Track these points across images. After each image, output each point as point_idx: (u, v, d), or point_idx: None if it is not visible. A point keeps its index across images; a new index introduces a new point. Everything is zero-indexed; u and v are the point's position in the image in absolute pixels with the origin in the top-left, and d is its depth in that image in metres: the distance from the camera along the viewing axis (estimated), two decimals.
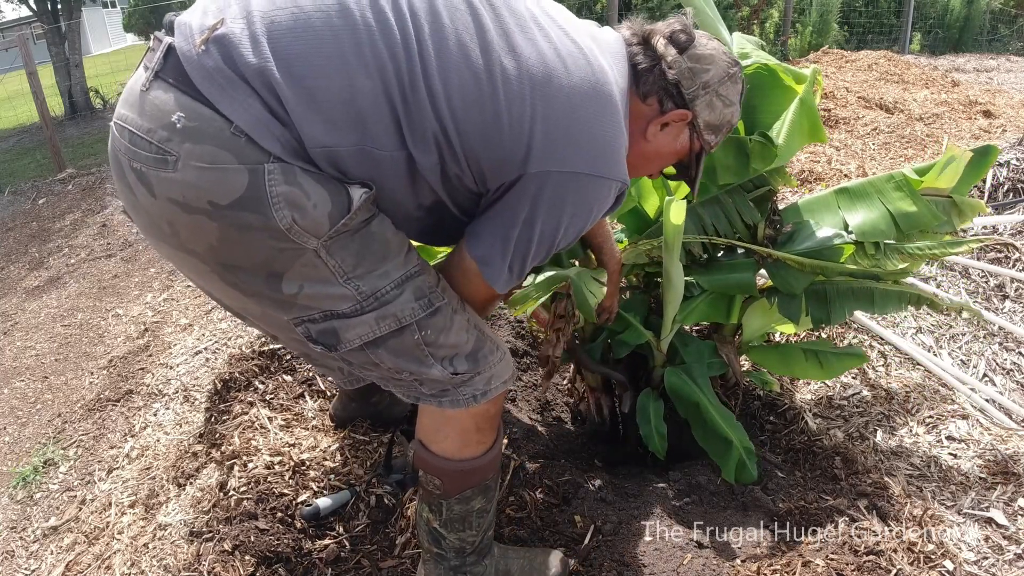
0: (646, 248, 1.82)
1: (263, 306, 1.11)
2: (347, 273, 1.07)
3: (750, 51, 1.79)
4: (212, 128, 0.97)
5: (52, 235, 4.95)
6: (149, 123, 0.99)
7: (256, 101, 0.98)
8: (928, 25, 10.42)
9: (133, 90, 1.03)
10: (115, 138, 1.05)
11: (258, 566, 1.53)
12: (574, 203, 1.11)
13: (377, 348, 1.13)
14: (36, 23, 10.26)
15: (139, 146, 1.00)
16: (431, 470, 1.30)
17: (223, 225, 1.00)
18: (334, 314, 1.09)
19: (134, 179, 1.02)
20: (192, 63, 0.98)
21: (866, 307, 1.74)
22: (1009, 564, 1.61)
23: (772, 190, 1.87)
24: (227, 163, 0.97)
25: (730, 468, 1.77)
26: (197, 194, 0.98)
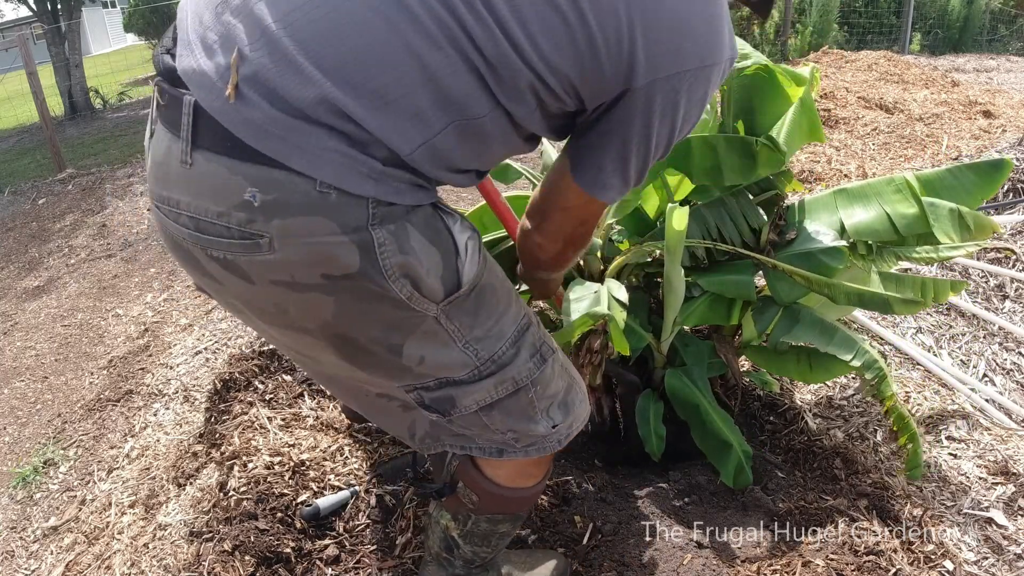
0: (648, 250, 1.82)
1: (375, 375, 1.02)
2: (465, 337, 0.99)
3: (750, 52, 1.79)
4: (296, 194, 0.82)
5: (52, 235, 4.95)
6: (217, 205, 0.84)
7: (328, 138, 0.82)
8: (928, 25, 10.42)
9: (168, 165, 0.88)
10: (170, 224, 0.90)
11: (258, 566, 1.53)
12: (688, 99, 0.96)
13: (492, 411, 1.06)
14: (36, 23, 10.27)
15: (214, 233, 0.85)
16: (474, 487, 1.21)
17: (340, 298, 0.89)
18: (450, 381, 1.02)
19: (218, 268, 0.89)
20: (234, 120, 0.82)
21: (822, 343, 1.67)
22: (1009, 564, 1.61)
23: (779, 194, 1.87)
24: (330, 234, 0.84)
25: (728, 471, 1.77)
26: (308, 271, 0.86)
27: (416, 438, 1.16)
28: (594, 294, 1.58)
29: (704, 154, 1.70)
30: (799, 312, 1.76)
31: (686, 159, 1.72)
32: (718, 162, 1.70)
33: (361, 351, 0.97)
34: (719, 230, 1.81)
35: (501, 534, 1.32)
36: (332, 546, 1.59)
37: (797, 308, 1.77)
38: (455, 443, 1.15)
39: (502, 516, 1.27)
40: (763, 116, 1.80)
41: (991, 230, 1.73)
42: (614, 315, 1.50)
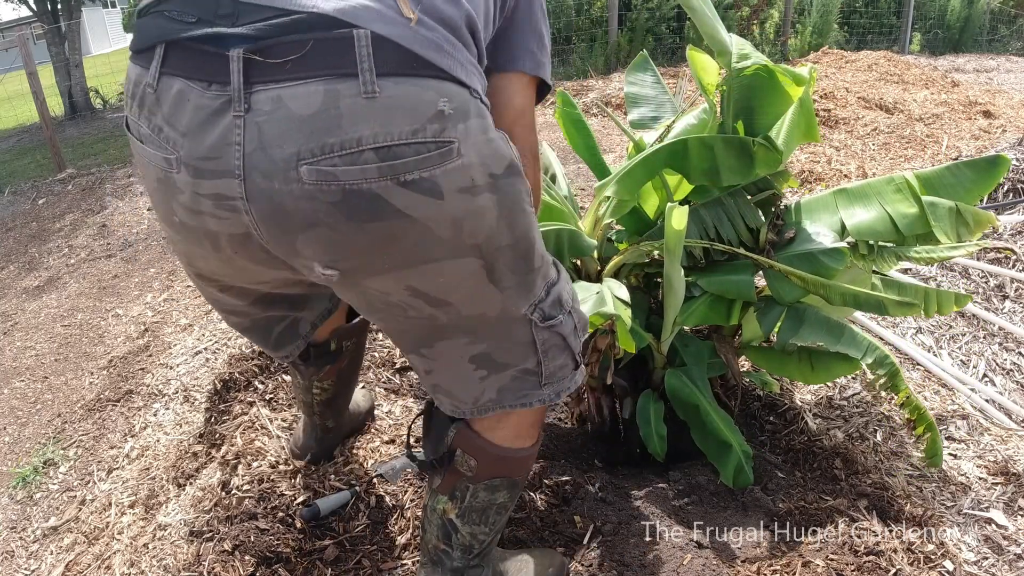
0: (647, 249, 1.82)
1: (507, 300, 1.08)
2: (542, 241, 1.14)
3: (749, 52, 1.79)
4: (465, 101, 0.92)
5: (52, 235, 4.95)
6: (411, 124, 0.88)
7: (467, 53, 0.95)
8: (928, 25, 10.42)
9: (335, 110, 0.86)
10: (342, 172, 0.87)
11: (258, 566, 1.53)
12: None
13: (575, 303, 1.21)
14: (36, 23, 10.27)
15: (407, 154, 0.88)
16: (472, 450, 1.26)
17: (501, 197, 0.98)
18: (552, 282, 1.15)
19: (406, 195, 0.89)
20: (419, 41, 0.88)
21: (831, 342, 1.68)
22: (1009, 564, 1.61)
23: (776, 194, 1.87)
24: (488, 131, 0.95)
25: (728, 472, 1.77)
26: (482, 171, 0.95)
27: (478, 405, 1.20)
28: (596, 295, 1.58)
29: (701, 155, 1.70)
30: (804, 311, 1.75)
31: (684, 160, 1.72)
32: (715, 163, 1.70)
33: (507, 261, 1.04)
34: (717, 230, 1.81)
35: (499, 506, 1.33)
36: (332, 546, 1.59)
37: (802, 307, 1.77)
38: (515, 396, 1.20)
39: (499, 481, 1.29)
40: (763, 116, 1.80)
41: (988, 224, 1.74)
42: (620, 314, 1.50)
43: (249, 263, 1.05)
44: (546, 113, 6.45)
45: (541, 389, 1.20)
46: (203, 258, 1.12)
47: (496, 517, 1.35)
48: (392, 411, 2.11)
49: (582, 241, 1.78)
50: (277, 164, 0.87)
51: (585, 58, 8.13)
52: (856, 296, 1.65)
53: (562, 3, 8.36)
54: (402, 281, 1.00)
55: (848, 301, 1.66)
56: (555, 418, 2.21)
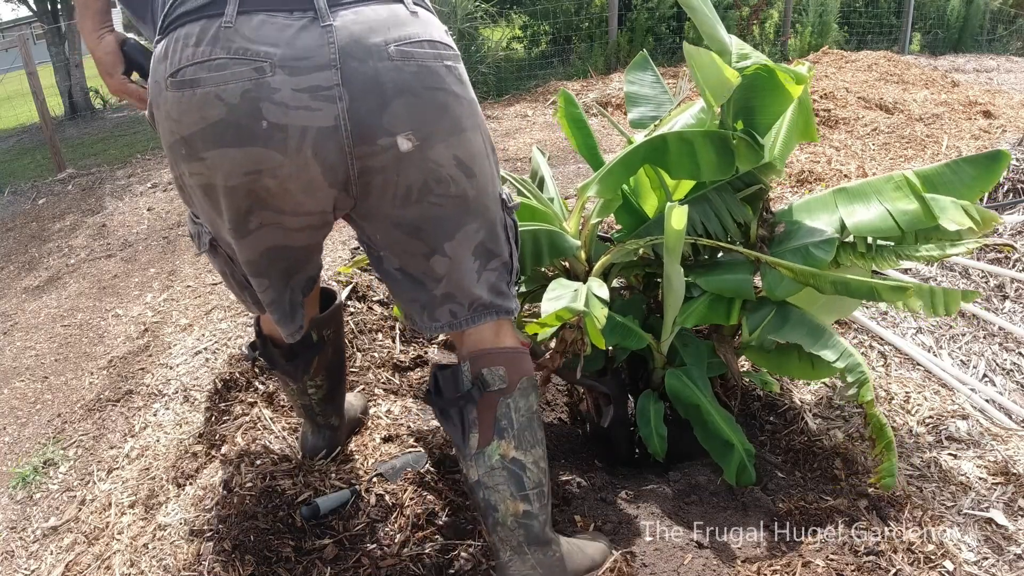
0: (633, 248, 1.81)
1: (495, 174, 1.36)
2: None
3: (749, 52, 1.79)
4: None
5: (52, 235, 4.95)
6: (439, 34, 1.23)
7: None
8: (928, 25, 10.42)
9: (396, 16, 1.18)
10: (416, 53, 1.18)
11: (258, 566, 1.53)
12: None
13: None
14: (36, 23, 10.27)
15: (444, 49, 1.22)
16: (496, 361, 1.36)
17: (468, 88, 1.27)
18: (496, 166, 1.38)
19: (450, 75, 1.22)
20: None
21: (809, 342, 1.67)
22: (1009, 564, 1.61)
23: (764, 188, 1.86)
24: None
25: (731, 470, 1.77)
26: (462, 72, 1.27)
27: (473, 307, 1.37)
28: (573, 292, 1.59)
29: (681, 150, 1.69)
30: (789, 312, 1.76)
31: (663, 156, 1.72)
32: (696, 158, 1.69)
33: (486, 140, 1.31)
34: (704, 226, 1.81)
35: (536, 414, 1.42)
36: (332, 546, 1.59)
37: (788, 308, 1.77)
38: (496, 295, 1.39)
39: (526, 382, 1.39)
40: (763, 115, 1.79)
41: (994, 222, 1.72)
42: (592, 311, 1.50)
43: (316, 174, 1.17)
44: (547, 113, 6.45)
45: (510, 290, 1.41)
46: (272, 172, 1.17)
47: (540, 432, 1.41)
48: (391, 410, 2.11)
49: (563, 241, 1.78)
50: (371, 48, 1.14)
51: (585, 58, 8.13)
52: (847, 283, 1.63)
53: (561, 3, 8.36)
54: (451, 149, 1.24)
55: (839, 288, 1.64)
56: (555, 418, 2.21)
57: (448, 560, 1.57)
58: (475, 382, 1.36)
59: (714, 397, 1.86)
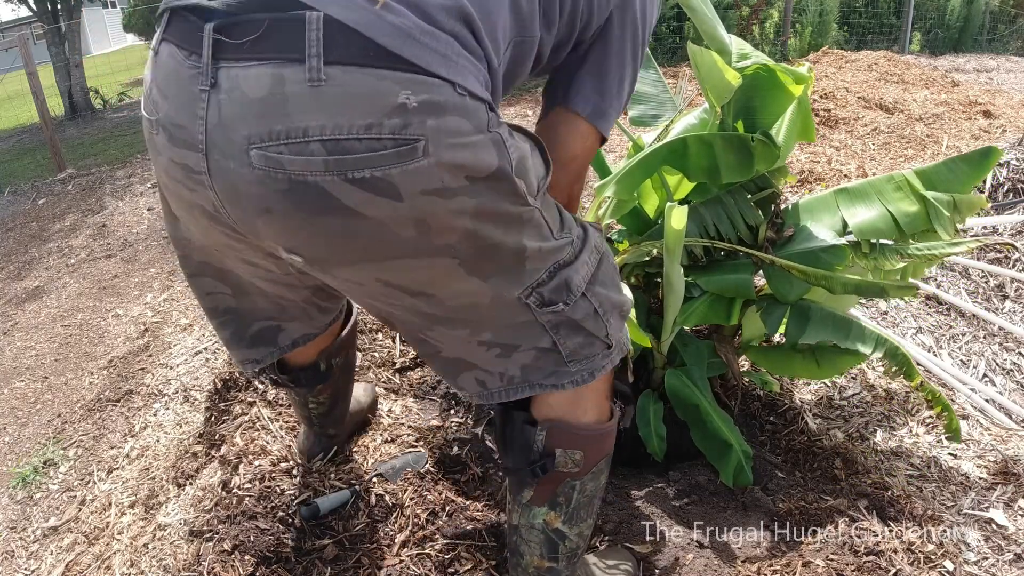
0: (647, 249, 1.82)
1: (496, 288, 1.01)
2: (555, 225, 1.06)
3: (749, 52, 1.79)
4: (442, 95, 0.83)
5: (52, 235, 4.95)
6: (364, 118, 0.81)
7: (459, 46, 0.86)
8: (928, 25, 10.42)
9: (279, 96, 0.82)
10: (288, 162, 0.83)
11: (258, 566, 1.53)
12: (651, 9, 1.16)
13: (595, 287, 1.11)
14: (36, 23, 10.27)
15: (362, 149, 0.82)
16: (575, 443, 1.19)
17: (481, 200, 0.90)
18: (560, 264, 1.06)
19: (357, 193, 0.84)
20: (381, 29, 0.80)
21: (840, 338, 1.68)
22: (1009, 564, 1.61)
23: (776, 192, 1.87)
24: (472, 133, 0.86)
25: (728, 471, 1.77)
26: (456, 174, 0.86)
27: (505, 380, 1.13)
28: None
29: (701, 152, 1.70)
30: (809, 309, 1.76)
31: (683, 158, 1.72)
32: (715, 160, 1.70)
33: (489, 256, 0.97)
34: (716, 228, 1.81)
35: (602, 489, 1.31)
36: (332, 546, 1.59)
37: (806, 305, 1.77)
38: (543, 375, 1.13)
39: (603, 463, 1.26)
40: (763, 115, 1.80)
41: (978, 206, 1.78)
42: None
43: (224, 239, 1.01)
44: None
45: (567, 366, 1.13)
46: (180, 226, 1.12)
47: (599, 503, 1.32)
48: (392, 410, 2.11)
49: None
50: (233, 145, 0.84)
51: None
52: (857, 284, 1.66)
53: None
54: (371, 274, 0.96)
55: (850, 289, 1.67)
56: None
57: (448, 560, 1.57)
58: (546, 456, 1.19)
59: (714, 398, 1.86)
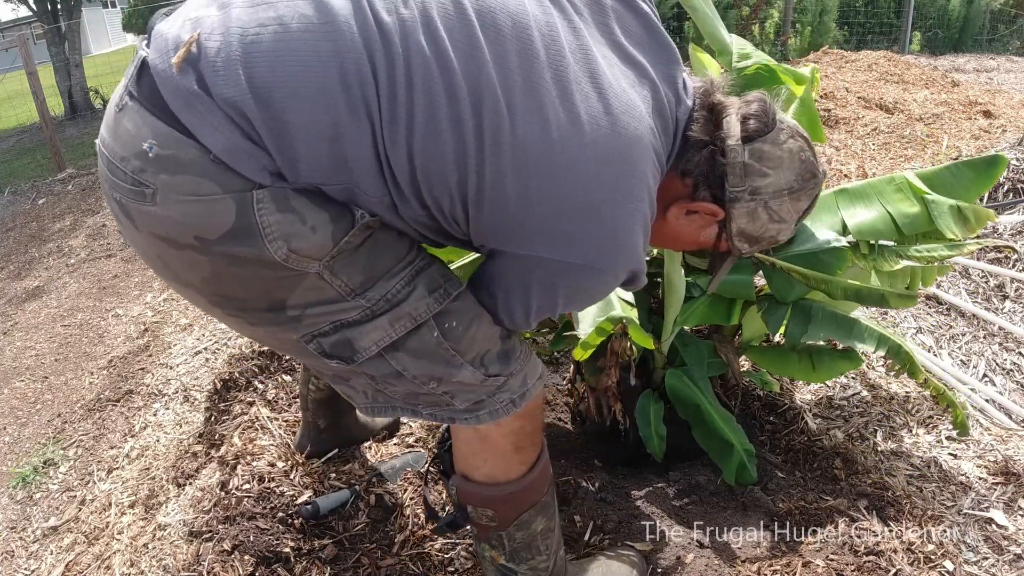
0: (647, 249, 1.82)
1: (269, 332, 1.04)
2: (355, 290, 0.98)
3: (751, 51, 1.79)
4: (189, 156, 0.87)
5: (52, 235, 4.95)
6: (122, 150, 0.90)
7: (236, 130, 0.87)
8: (928, 25, 10.41)
9: (110, 109, 0.95)
10: (100, 162, 0.98)
11: (258, 566, 1.52)
12: (567, 288, 1.02)
13: (396, 351, 1.03)
14: (36, 23, 10.27)
15: (116, 175, 0.92)
16: (481, 502, 1.20)
17: (214, 260, 0.92)
18: (344, 323, 1.00)
19: (118, 210, 0.96)
20: (168, 84, 0.87)
21: (842, 337, 1.68)
22: (1009, 564, 1.61)
23: None
24: (210, 193, 0.88)
25: (731, 470, 1.77)
26: (181, 230, 0.90)
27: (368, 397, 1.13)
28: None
29: None
30: (810, 308, 1.76)
31: None
32: None
33: (244, 310, 1.00)
34: None
35: (542, 532, 1.26)
36: (332, 545, 1.59)
37: (807, 304, 1.77)
38: (403, 405, 1.12)
39: (527, 515, 1.22)
40: None
41: (988, 219, 1.76)
42: (629, 315, 1.51)
43: None
44: None
45: (414, 407, 1.13)
46: None
47: (545, 542, 1.28)
48: None
49: None
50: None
51: None
52: (858, 290, 1.66)
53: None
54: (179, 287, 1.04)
55: (850, 295, 1.67)
56: (555, 418, 2.21)
57: (448, 560, 1.57)
58: (461, 510, 1.21)
59: (714, 397, 1.85)
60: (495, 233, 0.98)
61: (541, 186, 0.93)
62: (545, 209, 0.94)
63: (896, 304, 1.69)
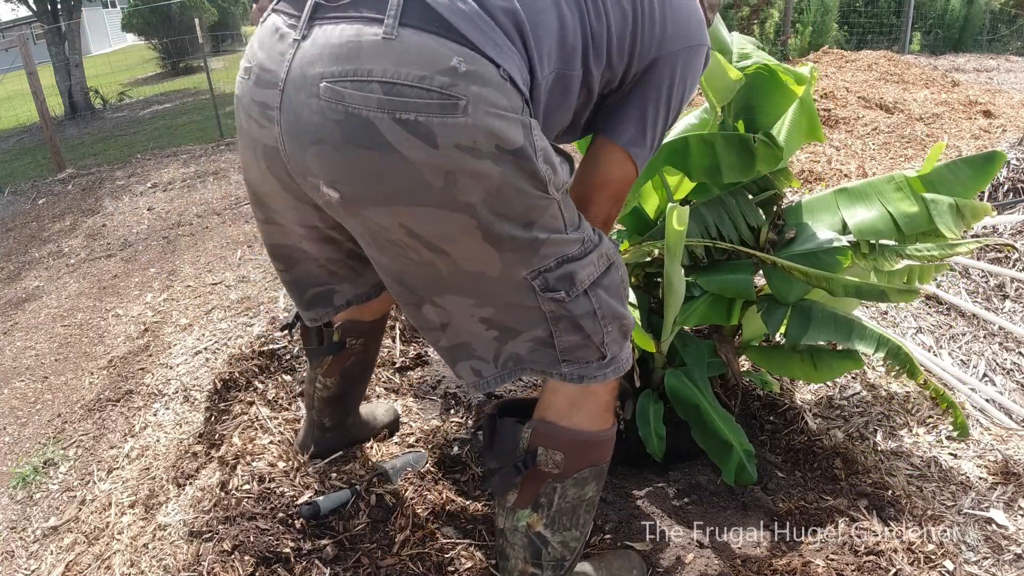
0: (648, 249, 1.82)
1: (506, 263, 1.11)
2: (572, 221, 1.14)
3: (750, 51, 1.79)
4: (488, 72, 0.97)
5: (52, 235, 4.95)
6: (421, 70, 0.96)
7: (509, 42, 1.01)
8: (928, 25, 10.42)
9: (358, 44, 0.98)
10: (349, 95, 0.98)
11: (258, 566, 1.52)
12: (694, 71, 1.24)
13: (597, 288, 1.17)
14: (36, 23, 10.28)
15: (410, 95, 0.96)
16: (557, 444, 1.25)
17: (505, 170, 1.01)
18: (568, 258, 1.13)
19: (401, 133, 0.97)
20: (449, 8, 0.98)
21: (842, 338, 1.69)
22: (1009, 564, 1.61)
23: (777, 194, 1.87)
24: (507, 111, 0.99)
25: (730, 470, 1.77)
26: (487, 139, 0.98)
27: (499, 362, 1.22)
28: None
29: (702, 152, 1.70)
30: (810, 309, 1.75)
31: (684, 158, 1.72)
32: (716, 160, 1.70)
33: (505, 229, 1.07)
34: (718, 229, 1.81)
35: (588, 502, 1.32)
36: (332, 546, 1.59)
37: (807, 304, 1.77)
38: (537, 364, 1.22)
39: (588, 472, 1.28)
40: (763, 115, 1.80)
41: (984, 214, 1.77)
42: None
43: (275, 187, 1.17)
44: None
45: (560, 365, 1.21)
46: (249, 168, 1.23)
47: (586, 516, 1.33)
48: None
49: None
50: (307, 79, 1.01)
51: None
52: (858, 287, 1.66)
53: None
54: (396, 217, 1.06)
55: (851, 292, 1.67)
56: None
57: (448, 560, 1.57)
58: (528, 453, 1.26)
59: (714, 397, 1.85)
60: (653, 46, 1.18)
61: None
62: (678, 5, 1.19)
63: (896, 299, 1.69)
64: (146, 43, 15.89)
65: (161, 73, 14.39)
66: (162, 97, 11.02)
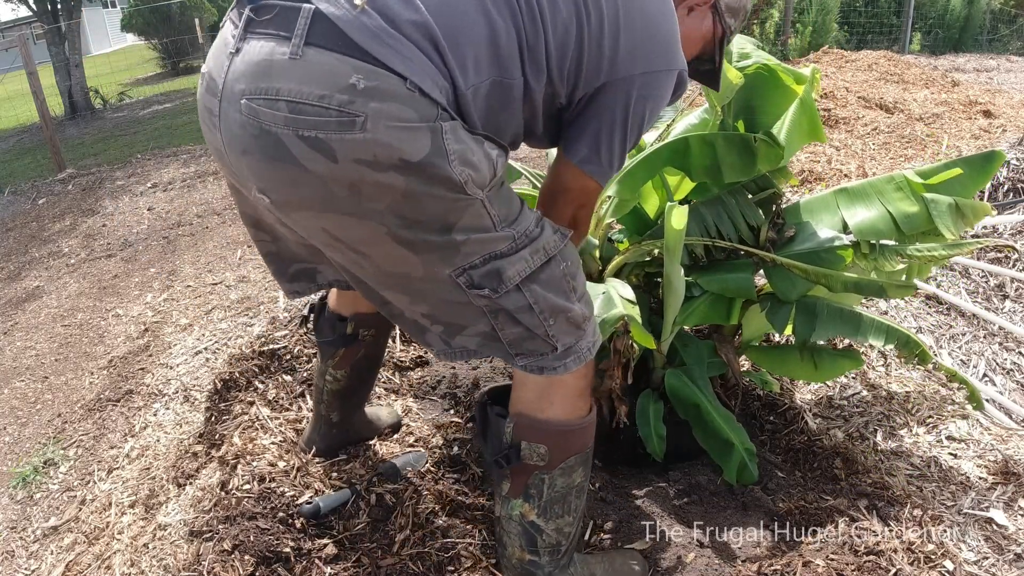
0: (648, 248, 1.82)
1: (427, 263, 1.14)
2: (504, 220, 1.16)
3: (751, 51, 1.79)
4: (390, 85, 1.00)
5: (52, 235, 4.95)
6: (320, 89, 1.00)
7: (420, 54, 1.03)
8: (928, 25, 10.42)
9: (270, 62, 1.03)
10: (262, 113, 1.03)
11: (258, 566, 1.52)
12: (656, 96, 1.22)
13: (532, 284, 1.19)
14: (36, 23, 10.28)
15: (311, 113, 1.00)
16: (537, 436, 1.30)
17: (411, 180, 1.04)
18: (495, 255, 1.16)
19: (304, 148, 1.02)
20: (352, 25, 1.01)
21: (850, 333, 1.70)
22: (1009, 564, 1.61)
23: (777, 193, 1.87)
24: (412, 121, 1.01)
25: (731, 469, 1.77)
26: (389, 152, 1.02)
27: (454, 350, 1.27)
28: (602, 295, 1.58)
29: (703, 152, 1.70)
30: (815, 306, 1.76)
31: (685, 157, 1.72)
32: (717, 160, 1.70)
33: (418, 234, 1.10)
34: (717, 228, 1.81)
35: (577, 488, 1.36)
36: (332, 545, 1.59)
37: (811, 302, 1.77)
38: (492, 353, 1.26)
39: (573, 460, 1.32)
40: (763, 115, 1.80)
41: (984, 214, 1.77)
42: (631, 313, 1.51)
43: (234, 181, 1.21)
44: None
45: (515, 358, 1.26)
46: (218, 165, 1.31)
47: (577, 501, 1.37)
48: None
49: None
50: (234, 94, 1.06)
51: None
52: (857, 282, 1.67)
53: None
54: (318, 222, 1.11)
55: (850, 287, 1.68)
56: None
57: (448, 559, 1.57)
58: (512, 448, 1.31)
59: (714, 397, 1.86)
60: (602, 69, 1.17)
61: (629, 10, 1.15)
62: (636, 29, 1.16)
63: (895, 294, 1.71)
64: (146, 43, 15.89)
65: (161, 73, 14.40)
66: (162, 97, 11.03)
